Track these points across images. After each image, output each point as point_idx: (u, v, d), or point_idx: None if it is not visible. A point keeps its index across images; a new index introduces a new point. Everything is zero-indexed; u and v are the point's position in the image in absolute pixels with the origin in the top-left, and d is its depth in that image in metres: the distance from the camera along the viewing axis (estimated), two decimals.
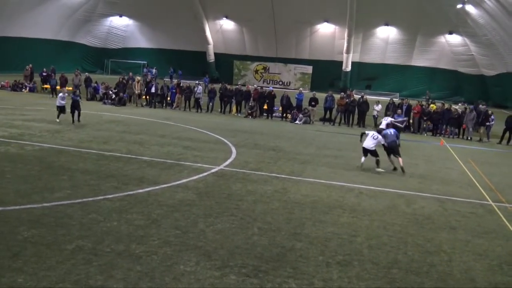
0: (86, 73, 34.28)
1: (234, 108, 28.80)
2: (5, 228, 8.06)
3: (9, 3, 41.47)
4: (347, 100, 27.09)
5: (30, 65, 35.57)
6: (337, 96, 28.01)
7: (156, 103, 29.13)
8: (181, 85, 29.50)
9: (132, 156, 14.40)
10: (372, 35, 48.63)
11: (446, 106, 26.10)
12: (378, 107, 26.54)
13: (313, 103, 27.57)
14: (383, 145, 15.23)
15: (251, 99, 27.91)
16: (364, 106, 26.53)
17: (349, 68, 49.19)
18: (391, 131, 15.63)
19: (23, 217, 8.65)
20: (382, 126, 19.02)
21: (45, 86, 33.39)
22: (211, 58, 53.91)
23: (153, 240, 8.02)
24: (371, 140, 15.05)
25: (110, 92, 29.07)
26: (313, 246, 8.31)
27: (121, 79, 31.20)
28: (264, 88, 30.55)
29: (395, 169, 15.12)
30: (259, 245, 8.15)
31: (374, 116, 26.51)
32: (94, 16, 53.66)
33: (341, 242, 8.59)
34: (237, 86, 30.09)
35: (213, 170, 13.37)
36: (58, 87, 31.03)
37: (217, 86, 30.52)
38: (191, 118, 24.93)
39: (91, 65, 55.36)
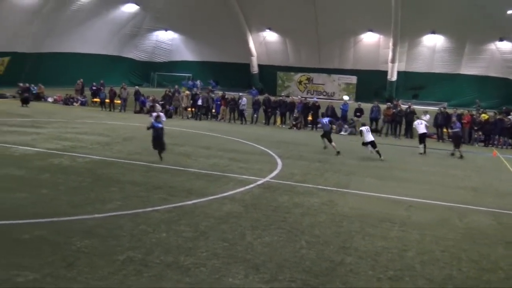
0: (136, 87, 35.19)
1: (278, 120, 28.83)
2: (60, 238, 8.32)
3: (60, 20, 43.20)
4: (394, 110, 26.61)
5: (81, 80, 36.88)
6: (383, 107, 27.56)
7: (201, 115, 29.54)
8: (226, 97, 29.82)
9: (179, 168, 14.61)
10: (418, 43, 47.65)
11: (499, 115, 25.22)
12: (426, 117, 25.86)
13: (358, 113, 27.25)
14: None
15: (296, 109, 27.86)
16: (411, 116, 25.98)
17: (394, 78, 48.32)
18: (326, 120, 19.78)
19: (76, 227, 8.91)
20: (420, 131, 20.56)
21: (95, 99, 34.49)
22: (255, 69, 54.22)
23: (201, 252, 8.08)
24: (369, 134, 18.74)
25: (157, 105, 29.65)
26: (363, 260, 8.15)
27: (167, 92, 31.85)
28: (308, 99, 30.43)
29: (325, 148, 19.34)
30: (308, 259, 8.07)
31: None
32: (141, 31, 55.12)
33: (392, 257, 8.39)
34: (281, 97, 30.13)
35: (259, 182, 13.38)
36: (107, 100, 32.02)
37: (261, 98, 30.67)
38: (235, 129, 25.12)
39: (138, 79, 56.74)
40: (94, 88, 35.18)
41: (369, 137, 18.74)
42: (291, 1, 46.24)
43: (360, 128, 19.69)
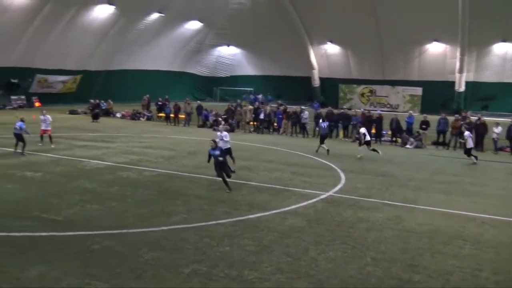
0: (198, 101, 36.02)
1: (341, 133, 28.50)
2: (128, 250, 8.59)
3: (128, 39, 45.17)
4: (462, 122, 25.54)
5: (147, 95, 38.25)
6: (450, 119, 26.56)
7: (263, 129, 29.73)
8: (288, 110, 29.86)
9: (242, 182, 14.71)
10: (487, 52, 45.69)
11: None
12: (498, 129, 24.62)
13: (424, 126, 26.42)
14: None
15: (359, 123, 27.41)
16: (482, 129, 24.83)
17: (462, 88, 46.54)
18: (325, 124, 22.77)
19: (144, 240, 9.17)
20: (470, 145, 20.47)
21: (161, 114, 35.59)
22: (316, 82, 54.07)
23: (265, 267, 8.06)
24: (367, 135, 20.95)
25: (220, 119, 30.17)
26: (433, 279, 7.82)
27: (230, 106, 32.33)
28: (371, 111, 29.90)
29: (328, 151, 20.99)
30: (374, 276, 7.85)
31: (493, 139, 24.64)
32: (203, 47, 56.54)
33: (464, 276, 7.99)
34: (343, 110, 29.82)
35: (322, 196, 13.23)
36: (172, 115, 32.93)
37: (323, 111, 30.46)
38: (297, 143, 25.06)
39: (201, 93, 58.12)
40: (159, 103, 36.35)
41: (367, 137, 21.04)
42: (352, 13, 45.83)
43: (360, 130, 21.40)
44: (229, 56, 59.39)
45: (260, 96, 49.32)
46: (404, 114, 32.69)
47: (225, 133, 16.29)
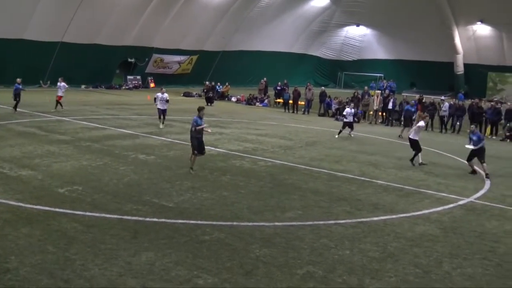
0: (322, 87, 36.03)
1: (488, 129, 26.79)
2: (239, 244, 8.89)
3: (247, 18, 46.38)
4: None
5: (265, 79, 39.00)
6: None
7: (393, 121, 28.91)
8: (424, 101, 28.72)
9: (365, 179, 14.52)
10: None
11: None
12: None
13: None
14: None
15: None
16: None
17: None
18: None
19: (255, 234, 9.43)
20: None
21: (278, 100, 36.14)
22: (460, 69, 51.24)
23: (390, 277, 7.90)
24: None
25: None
26: None
27: (355, 94, 31.91)
28: None
29: None
30: None
31: None
32: (329, 26, 56.20)
33: None
34: (492, 103, 28.00)
35: (460, 202, 12.62)
36: (290, 101, 33.30)
37: (466, 103, 28.91)
38: (434, 139, 24.04)
39: (324, 78, 57.99)
40: (278, 88, 36.85)
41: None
42: None
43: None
44: (358, 37, 58.36)
45: (391, 84, 47.47)
46: None
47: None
